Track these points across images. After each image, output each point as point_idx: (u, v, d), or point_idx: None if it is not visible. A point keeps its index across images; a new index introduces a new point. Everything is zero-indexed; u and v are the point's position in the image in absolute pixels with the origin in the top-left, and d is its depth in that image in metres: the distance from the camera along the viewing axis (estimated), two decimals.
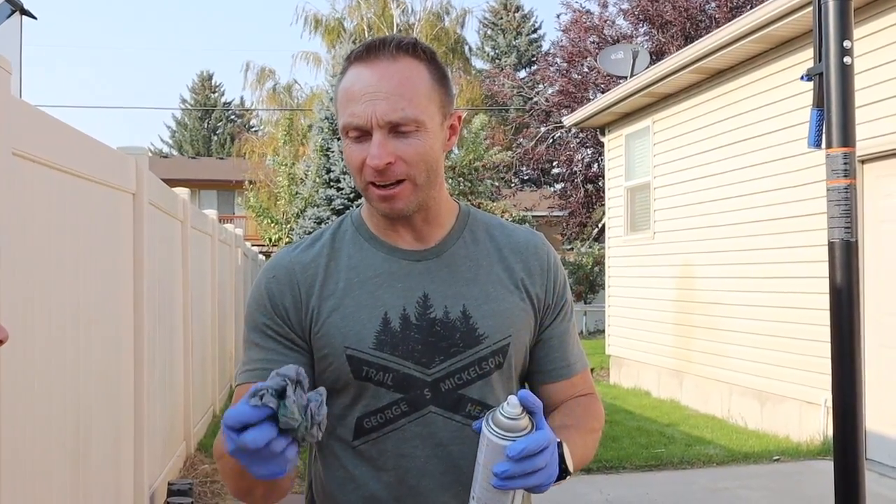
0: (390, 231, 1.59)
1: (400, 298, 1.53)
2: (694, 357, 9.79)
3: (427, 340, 1.52)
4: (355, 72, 1.49)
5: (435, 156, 1.51)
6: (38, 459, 3.06)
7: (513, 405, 1.31)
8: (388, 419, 1.52)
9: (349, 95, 1.48)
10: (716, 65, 8.88)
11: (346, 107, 1.48)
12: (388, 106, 1.45)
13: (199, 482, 6.08)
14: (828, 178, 2.26)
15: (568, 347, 1.67)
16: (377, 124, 1.45)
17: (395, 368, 1.51)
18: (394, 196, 1.49)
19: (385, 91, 1.45)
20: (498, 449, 1.31)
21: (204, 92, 54.34)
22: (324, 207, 17.57)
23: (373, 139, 1.46)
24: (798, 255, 7.73)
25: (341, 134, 1.52)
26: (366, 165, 1.47)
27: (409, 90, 1.47)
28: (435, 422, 1.52)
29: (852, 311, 2.26)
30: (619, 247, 11.97)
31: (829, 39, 2.22)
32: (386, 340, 1.51)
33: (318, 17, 29.26)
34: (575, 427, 1.54)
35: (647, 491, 6.34)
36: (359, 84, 1.47)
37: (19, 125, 2.84)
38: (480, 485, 1.35)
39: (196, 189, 30.46)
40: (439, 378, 1.52)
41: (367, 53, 1.49)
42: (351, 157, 1.50)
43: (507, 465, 1.29)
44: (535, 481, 1.31)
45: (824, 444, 7.30)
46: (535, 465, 1.29)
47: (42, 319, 3.13)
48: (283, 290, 1.56)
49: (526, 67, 34.49)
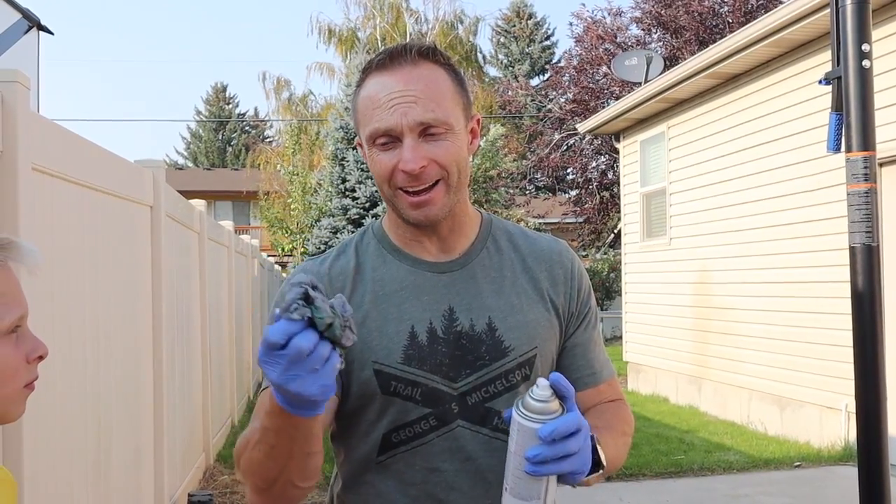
0: (414, 242, 1.57)
1: (426, 312, 1.52)
2: (712, 363, 9.73)
3: (454, 354, 1.51)
4: (377, 80, 1.48)
5: (464, 157, 1.50)
6: (59, 473, 3.07)
7: (542, 387, 1.28)
8: (416, 434, 1.51)
9: (374, 103, 1.47)
10: (731, 69, 8.85)
11: (370, 115, 1.47)
12: (419, 108, 1.44)
13: (218, 493, 6.09)
14: (848, 183, 2.24)
15: (593, 355, 1.65)
16: (408, 128, 1.44)
17: (423, 383, 1.50)
18: (428, 201, 1.47)
19: (413, 94, 1.44)
20: (530, 432, 1.28)
21: (218, 103, 54.57)
22: (339, 217, 17.59)
23: (404, 144, 1.44)
24: (817, 260, 7.68)
25: (365, 143, 1.50)
26: (397, 171, 1.45)
27: (436, 93, 1.46)
28: (463, 435, 1.51)
29: (874, 315, 2.24)
30: (636, 253, 11.94)
31: (847, 43, 2.21)
32: (414, 355, 1.50)
33: (331, 27, 29.33)
34: (606, 428, 1.51)
35: (668, 498, 6.31)
36: (384, 91, 1.46)
37: (38, 140, 2.87)
38: (513, 474, 1.31)
39: (211, 200, 30.60)
40: (466, 392, 1.51)
41: (389, 61, 1.48)
42: (380, 165, 1.47)
43: (540, 449, 1.26)
44: (568, 466, 1.28)
45: (845, 449, 7.24)
46: (567, 448, 1.26)
47: (62, 333, 3.14)
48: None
49: (539, 75, 34.49)
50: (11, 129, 2.63)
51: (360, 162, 17.45)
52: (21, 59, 12.08)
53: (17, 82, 2.67)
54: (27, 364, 1.31)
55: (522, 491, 1.31)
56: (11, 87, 2.64)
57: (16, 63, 4.13)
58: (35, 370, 1.34)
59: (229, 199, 35.54)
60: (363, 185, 17.35)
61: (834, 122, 2.25)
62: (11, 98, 2.63)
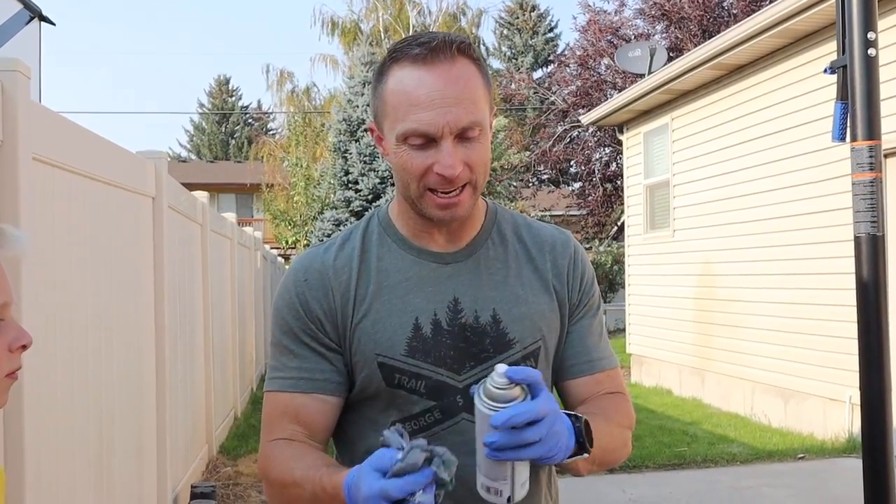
0: (423, 233, 1.55)
1: (430, 303, 1.51)
2: (715, 355, 9.72)
3: (458, 346, 1.50)
4: (414, 74, 1.43)
5: (489, 158, 1.50)
6: (61, 465, 3.07)
7: (500, 374, 1.28)
8: (421, 426, 1.50)
9: (411, 100, 1.42)
10: (735, 60, 8.82)
11: (406, 111, 1.42)
12: (460, 112, 1.41)
13: (221, 485, 6.10)
14: (853, 172, 2.23)
15: (591, 343, 1.62)
16: (449, 131, 1.41)
17: (428, 375, 1.49)
18: (457, 203, 1.46)
19: (453, 97, 1.41)
20: (485, 419, 1.28)
21: (221, 96, 54.53)
22: (342, 209, 17.59)
23: (442, 147, 1.42)
24: (821, 251, 7.66)
25: (394, 139, 1.46)
26: (431, 173, 1.43)
27: (473, 94, 1.44)
28: (468, 429, 1.47)
29: (879, 305, 2.23)
30: (639, 245, 11.92)
31: (853, 31, 2.19)
32: (418, 347, 1.49)
33: (334, 19, 29.30)
34: (601, 416, 1.49)
35: (671, 490, 6.30)
36: (423, 89, 1.41)
37: (40, 130, 2.85)
38: (480, 455, 1.33)
39: (215, 193, 30.61)
40: (470, 384, 1.49)
41: (430, 56, 1.43)
42: (411, 163, 1.44)
43: (496, 436, 1.26)
44: (530, 454, 1.27)
45: (849, 441, 7.23)
46: (525, 437, 1.25)
47: (64, 324, 3.14)
48: (317, 296, 1.53)
49: (543, 67, 34.41)
50: (12, 119, 2.61)
51: (362, 154, 17.43)
52: (22, 50, 12.06)
53: (18, 71, 2.65)
54: (9, 353, 1.30)
55: (490, 472, 1.32)
56: (12, 77, 2.63)
57: (17, 53, 4.12)
58: (18, 360, 1.32)
59: (232, 191, 35.56)
60: (366, 178, 17.33)
61: (839, 111, 2.23)
62: (12, 87, 2.62)
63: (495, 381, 1.28)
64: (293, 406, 1.52)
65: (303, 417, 1.52)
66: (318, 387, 1.52)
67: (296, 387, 1.52)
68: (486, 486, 1.34)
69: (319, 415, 1.53)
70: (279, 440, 1.52)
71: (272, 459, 1.50)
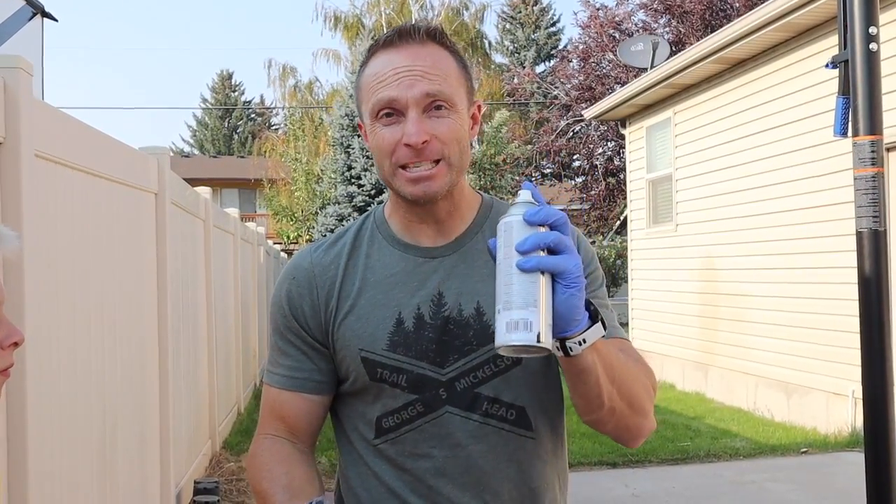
0: (413, 227, 1.56)
1: (414, 297, 1.52)
2: (719, 349, 9.72)
3: (441, 339, 1.50)
4: (384, 57, 1.48)
5: (466, 138, 1.51)
6: (65, 460, 3.08)
7: (524, 192, 1.28)
8: (404, 420, 1.51)
9: (379, 78, 1.46)
10: (737, 54, 8.80)
11: (374, 89, 1.47)
12: (425, 81, 1.44)
13: (224, 480, 6.10)
14: (855, 167, 2.23)
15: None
16: (414, 101, 1.44)
17: (409, 369, 1.50)
18: (430, 177, 1.46)
19: (420, 68, 1.45)
20: (516, 224, 1.24)
21: (224, 91, 54.53)
22: (345, 204, 17.60)
23: (408, 117, 1.44)
24: (823, 246, 7.66)
25: (368, 119, 1.49)
26: (399, 146, 1.45)
27: (442, 70, 1.47)
28: (452, 422, 1.50)
29: (881, 300, 2.23)
30: (642, 239, 11.92)
31: (855, 25, 2.19)
32: (399, 341, 1.50)
33: (337, 14, 29.30)
34: (620, 357, 1.45)
35: (674, 484, 6.31)
36: (389, 66, 1.46)
37: (42, 127, 2.86)
38: (504, 284, 1.24)
39: (217, 188, 30.61)
40: (454, 377, 1.50)
41: (398, 39, 1.48)
42: (382, 139, 1.47)
43: (528, 233, 1.23)
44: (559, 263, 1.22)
45: (852, 435, 7.23)
46: (556, 238, 1.22)
47: (66, 320, 3.14)
48: (303, 294, 1.56)
49: (545, 61, 34.38)
50: (14, 116, 2.62)
51: (365, 149, 17.44)
52: (25, 47, 12.06)
53: (20, 68, 2.65)
54: (1, 350, 1.30)
55: (517, 299, 1.22)
56: (14, 74, 2.63)
57: (20, 50, 4.11)
58: (10, 357, 1.33)
59: (235, 186, 35.57)
60: (369, 173, 17.34)
61: (841, 106, 2.23)
62: (14, 84, 2.62)
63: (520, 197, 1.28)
64: (279, 402, 1.60)
65: (285, 414, 1.59)
66: (299, 385, 1.58)
67: (281, 383, 1.59)
68: (512, 323, 1.22)
69: (300, 412, 1.58)
70: (264, 436, 1.61)
71: (253, 458, 1.60)
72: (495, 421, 1.51)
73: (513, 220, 1.26)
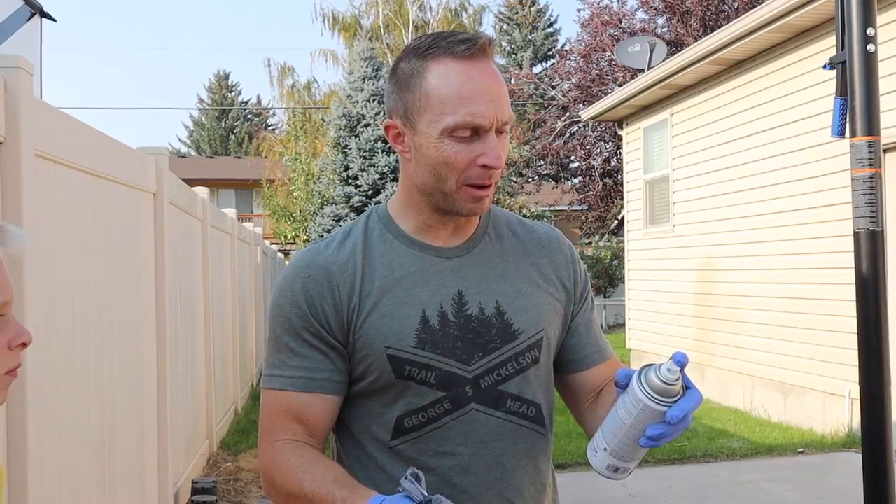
0: (429, 228, 1.57)
1: (436, 296, 1.53)
2: (715, 350, 9.74)
3: (465, 337, 1.52)
4: (460, 69, 1.47)
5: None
6: (64, 460, 3.08)
7: (672, 371, 1.32)
8: (430, 418, 1.51)
9: (464, 94, 1.46)
10: (735, 55, 8.81)
11: (458, 105, 1.46)
12: (503, 106, 1.49)
13: (222, 480, 6.11)
14: (852, 168, 2.24)
15: (597, 334, 1.69)
16: (497, 126, 1.48)
17: (437, 366, 1.50)
18: (488, 196, 1.52)
19: (498, 93, 1.48)
20: (654, 413, 1.33)
21: (221, 91, 54.45)
22: (342, 205, 17.59)
23: (487, 139, 1.47)
24: (821, 246, 7.67)
25: (437, 130, 1.47)
26: (473, 165, 1.47)
27: (505, 91, 1.52)
28: (477, 419, 1.52)
29: (878, 300, 2.24)
30: (639, 240, 11.92)
31: (852, 27, 2.20)
32: (427, 339, 1.51)
33: (335, 14, 29.29)
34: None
35: (671, 485, 6.32)
36: (472, 84, 1.46)
37: (42, 127, 2.86)
38: (621, 440, 1.39)
39: (215, 188, 30.58)
40: (479, 375, 1.52)
41: (478, 52, 1.49)
42: (456, 157, 1.47)
43: (665, 429, 1.34)
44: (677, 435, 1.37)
45: (849, 435, 7.24)
46: (686, 424, 1.35)
47: (65, 320, 3.15)
48: (323, 293, 1.53)
49: (542, 62, 34.41)
50: (14, 116, 2.62)
51: (362, 150, 17.43)
52: (24, 46, 12.05)
53: (20, 68, 2.66)
54: (9, 351, 1.30)
55: (626, 455, 1.40)
56: (14, 73, 2.64)
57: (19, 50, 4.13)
58: (18, 357, 1.33)
59: (232, 187, 35.54)
60: (366, 173, 17.33)
61: (838, 107, 2.24)
62: (14, 84, 2.63)
63: (666, 377, 1.33)
64: (296, 405, 1.52)
65: (305, 417, 1.53)
66: (319, 386, 1.52)
67: (297, 386, 1.52)
68: (613, 467, 1.42)
69: (321, 414, 1.53)
70: (283, 442, 1.52)
71: (277, 466, 1.50)
72: (516, 418, 1.55)
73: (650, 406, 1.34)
